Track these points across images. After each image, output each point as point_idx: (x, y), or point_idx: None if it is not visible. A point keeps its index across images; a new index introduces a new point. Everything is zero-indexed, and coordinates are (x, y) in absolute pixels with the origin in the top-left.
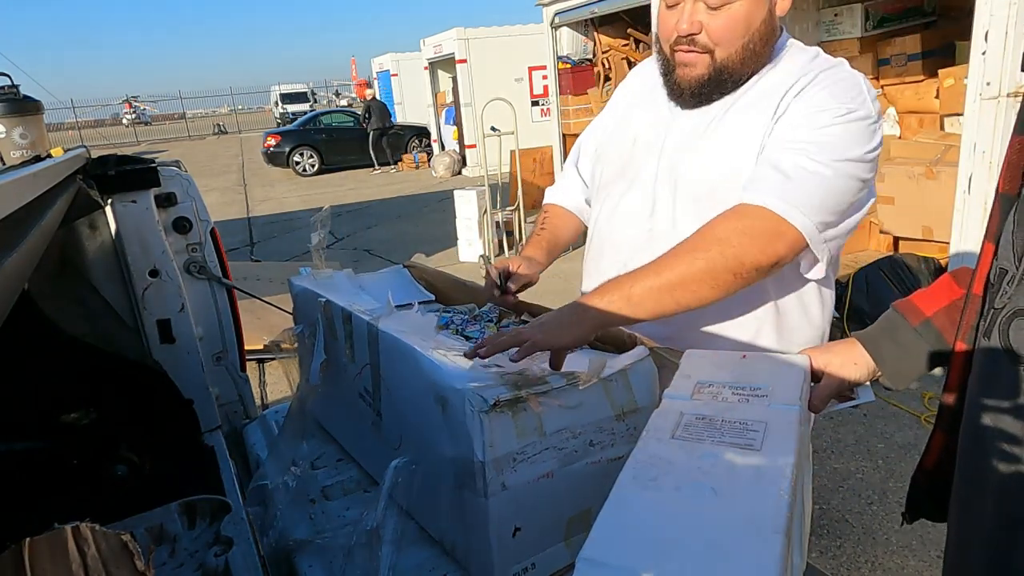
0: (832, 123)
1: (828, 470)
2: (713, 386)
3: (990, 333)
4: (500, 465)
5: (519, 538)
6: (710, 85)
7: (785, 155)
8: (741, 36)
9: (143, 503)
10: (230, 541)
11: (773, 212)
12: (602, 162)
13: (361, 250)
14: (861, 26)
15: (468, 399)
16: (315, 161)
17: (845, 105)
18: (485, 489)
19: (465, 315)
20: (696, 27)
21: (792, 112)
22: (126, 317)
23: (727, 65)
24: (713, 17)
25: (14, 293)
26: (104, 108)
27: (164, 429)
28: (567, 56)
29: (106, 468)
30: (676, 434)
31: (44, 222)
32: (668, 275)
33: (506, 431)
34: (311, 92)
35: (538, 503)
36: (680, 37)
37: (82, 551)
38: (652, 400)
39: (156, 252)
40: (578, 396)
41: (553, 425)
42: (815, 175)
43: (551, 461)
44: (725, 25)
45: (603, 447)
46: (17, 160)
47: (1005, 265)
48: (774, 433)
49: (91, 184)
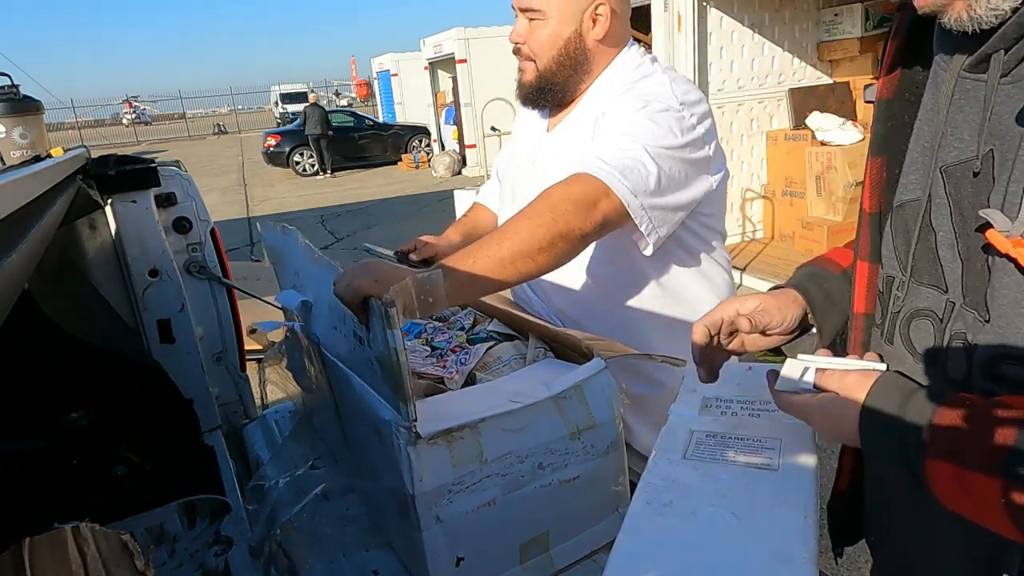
0: (641, 118)
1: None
2: (721, 400)
3: (892, 338)
4: (432, 498)
5: (464, 567)
6: (536, 91)
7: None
8: (550, 50)
9: (143, 503)
10: (230, 541)
11: (597, 178)
12: (502, 177)
13: (361, 250)
14: (861, 26)
15: (395, 432)
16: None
17: (652, 103)
18: (418, 522)
19: (439, 324)
20: (520, 38)
21: (607, 117)
22: (126, 317)
23: (545, 75)
24: (530, 31)
25: (14, 293)
26: (104, 108)
27: (164, 429)
28: None
29: (106, 468)
30: (688, 454)
31: (44, 222)
32: (510, 245)
33: (440, 462)
34: (311, 92)
35: (482, 532)
36: (515, 46)
37: (82, 551)
38: (611, 415)
39: (156, 252)
40: (524, 418)
41: (495, 451)
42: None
43: (493, 488)
44: (537, 38)
45: (555, 468)
46: (17, 160)
47: (892, 272)
48: (791, 451)
49: (91, 184)
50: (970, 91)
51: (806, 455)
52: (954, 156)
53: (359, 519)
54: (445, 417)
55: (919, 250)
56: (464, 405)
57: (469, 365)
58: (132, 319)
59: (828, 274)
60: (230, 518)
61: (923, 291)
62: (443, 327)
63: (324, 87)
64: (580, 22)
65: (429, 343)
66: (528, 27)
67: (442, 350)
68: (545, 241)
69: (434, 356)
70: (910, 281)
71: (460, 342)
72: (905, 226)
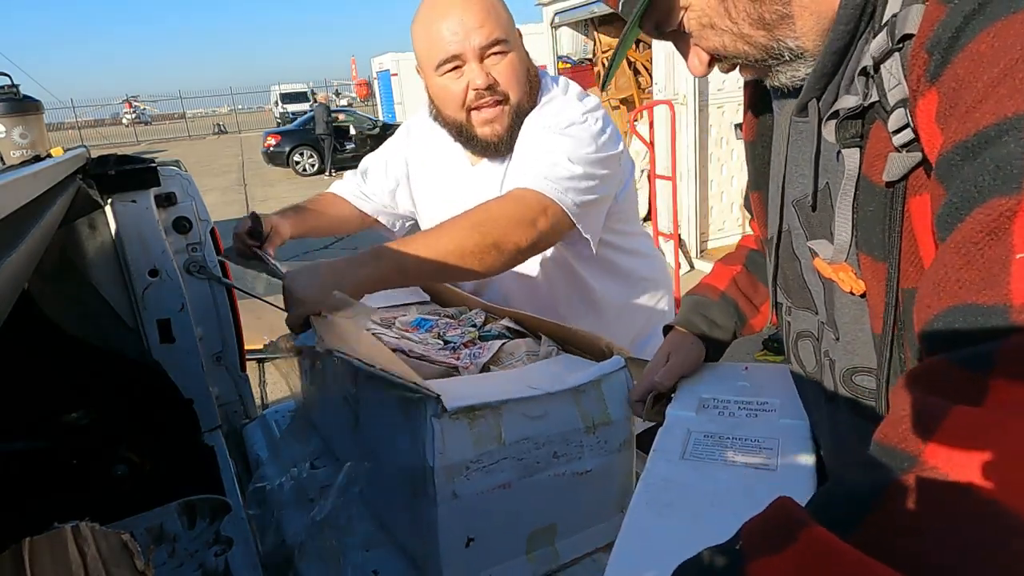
0: (554, 136)
1: None
2: (718, 400)
3: (789, 358)
4: (451, 472)
5: (472, 548)
6: (513, 130)
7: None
8: (521, 77)
9: (143, 503)
10: (230, 541)
11: (539, 192)
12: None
13: (361, 250)
14: None
15: (425, 403)
16: (315, 161)
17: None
18: (435, 496)
19: (450, 320)
20: (491, 79)
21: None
22: (126, 317)
23: (520, 106)
24: (497, 68)
25: (14, 293)
26: (104, 108)
27: (164, 429)
28: (567, 56)
29: (106, 468)
30: (686, 454)
31: (44, 222)
32: (442, 248)
33: (461, 438)
34: (311, 92)
35: (494, 514)
36: (480, 92)
37: (82, 551)
38: (626, 414)
39: (156, 252)
40: (543, 406)
41: (514, 435)
42: (559, 165)
43: (509, 471)
44: (509, 71)
45: (569, 460)
46: (17, 160)
47: (780, 299)
48: (788, 451)
49: (91, 184)
50: (803, 132)
51: (804, 455)
52: (800, 191)
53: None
54: (468, 396)
55: (790, 277)
56: (485, 387)
57: (483, 359)
58: (132, 319)
59: (708, 302)
60: (230, 518)
61: (802, 314)
62: (454, 323)
63: (324, 87)
64: (521, 43)
65: (441, 336)
66: (497, 64)
67: (455, 344)
68: (479, 248)
69: (447, 348)
70: (792, 306)
71: (472, 338)
72: (777, 257)
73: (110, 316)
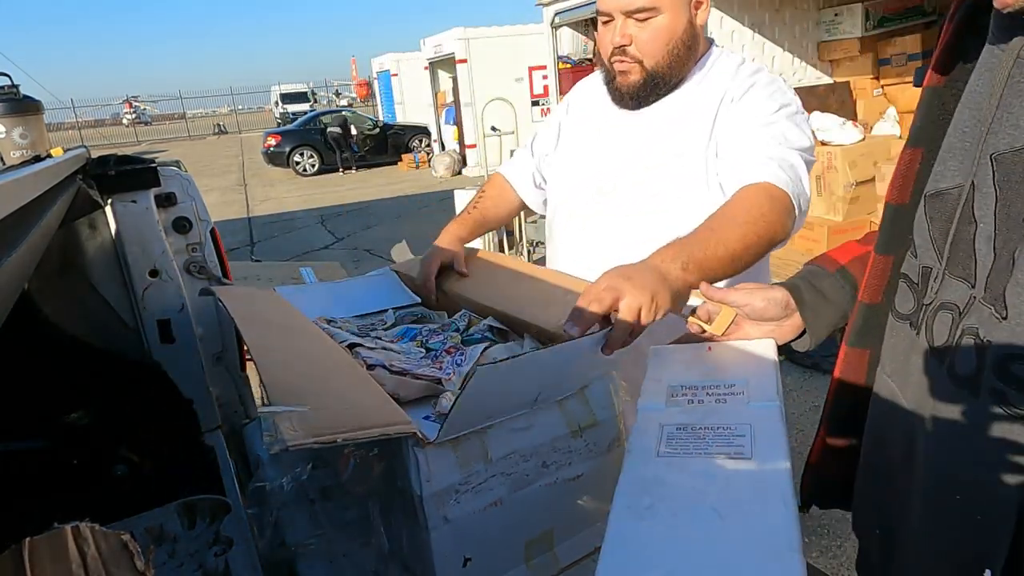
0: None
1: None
2: (686, 389)
3: (919, 329)
4: (440, 498)
5: (470, 567)
6: (646, 88)
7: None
8: (665, 45)
9: (143, 503)
10: (230, 541)
11: (784, 191)
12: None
13: (361, 250)
14: (861, 26)
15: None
16: (315, 161)
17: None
18: (426, 523)
19: (434, 326)
20: (627, 39)
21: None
22: (126, 317)
23: (657, 71)
24: (641, 30)
25: (14, 293)
26: (104, 108)
27: (164, 429)
28: (567, 56)
29: (106, 468)
30: (661, 451)
31: (44, 222)
32: (732, 246)
33: (446, 462)
34: (311, 92)
35: (488, 532)
36: (615, 49)
37: (82, 551)
38: (612, 413)
39: (156, 252)
40: (527, 418)
41: (500, 450)
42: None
43: (499, 488)
44: (651, 37)
45: (559, 467)
46: (17, 160)
47: (928, 263)
48: (761, 436)
49: (91, 184)
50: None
51: (777, 438)
52: (1007, 143)
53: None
54: None
55: (955, 240)
56: None
57: (465, 367)
58: (132, 319)
59: (823, 272)
60: (230, 518)
61: (954, 283)
62: (438, 329)
63: (324, 87)
64: (689, 10)
65: (424, 345)
66: (636, 27)
67: (436, 351)
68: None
69: (429, 358)
70: (944, 272)
71: (455, 343)
72: (943, 215)
73: (110, 316)
